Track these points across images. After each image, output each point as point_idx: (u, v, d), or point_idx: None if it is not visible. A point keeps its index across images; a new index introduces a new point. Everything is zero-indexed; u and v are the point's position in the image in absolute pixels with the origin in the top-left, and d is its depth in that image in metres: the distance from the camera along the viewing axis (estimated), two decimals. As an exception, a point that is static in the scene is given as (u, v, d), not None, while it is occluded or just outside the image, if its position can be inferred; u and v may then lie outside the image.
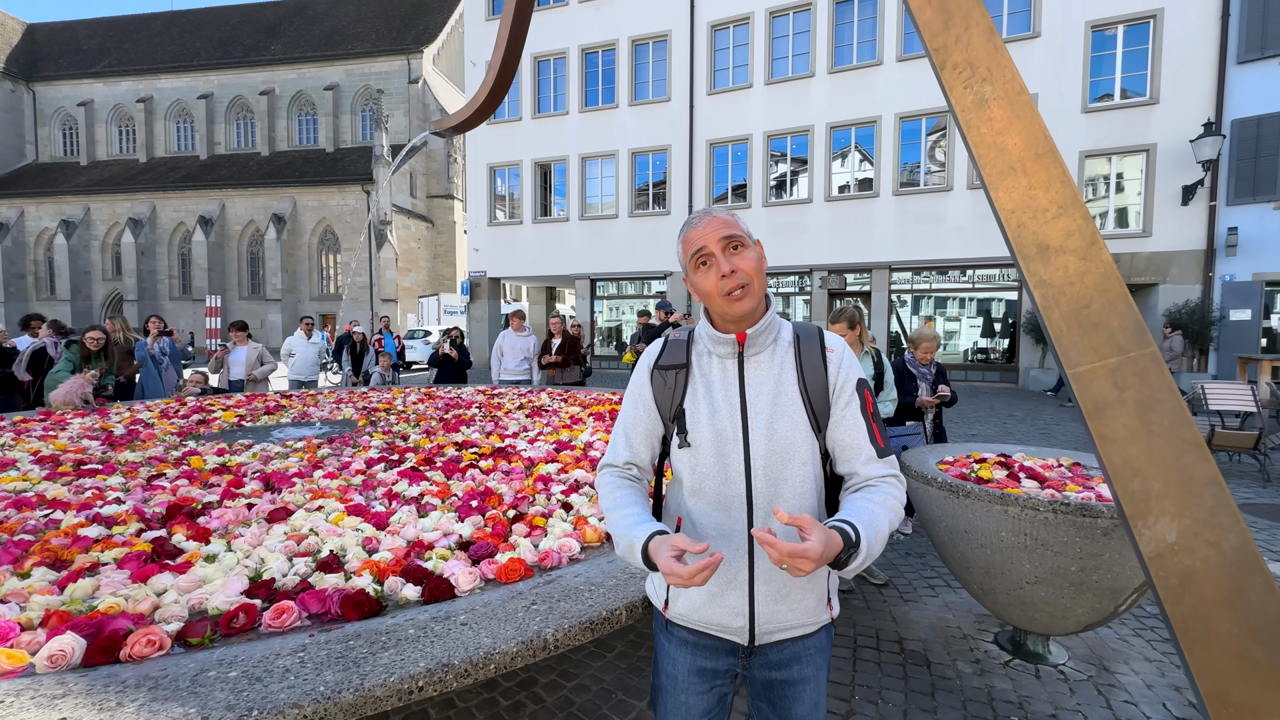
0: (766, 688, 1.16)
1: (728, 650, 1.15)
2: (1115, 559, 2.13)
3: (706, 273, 1.09)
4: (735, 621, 1.10)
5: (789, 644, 1.13)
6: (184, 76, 34.51)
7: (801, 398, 1.08)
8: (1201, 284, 12.28)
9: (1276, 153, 11.49)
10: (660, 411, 1.16)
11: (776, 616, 1.09)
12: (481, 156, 18.74)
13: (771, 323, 1.12)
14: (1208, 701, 1.33)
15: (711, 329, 1.13)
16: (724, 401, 1.10)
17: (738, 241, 1.08)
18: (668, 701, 1.19)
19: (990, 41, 1.67)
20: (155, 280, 32.37)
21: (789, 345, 1.12)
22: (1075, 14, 12.88)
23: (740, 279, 1.06)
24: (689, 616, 1.14)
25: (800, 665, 1.14)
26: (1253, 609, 1.34)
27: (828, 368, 1.10)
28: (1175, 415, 1.44)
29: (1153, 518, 1.43)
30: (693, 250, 1.09)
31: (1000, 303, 14.61)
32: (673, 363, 1.15)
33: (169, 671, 1.12)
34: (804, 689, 1.14)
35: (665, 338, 1.21)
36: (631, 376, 1.22)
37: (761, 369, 1.11)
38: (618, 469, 1.18)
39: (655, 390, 1.16)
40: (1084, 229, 1.55)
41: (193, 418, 4.19)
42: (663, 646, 1.21)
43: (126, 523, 1.94)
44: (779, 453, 1.06)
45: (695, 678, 1.15)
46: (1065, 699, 2.33)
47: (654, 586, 1.22)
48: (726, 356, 1.12)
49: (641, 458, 1.18)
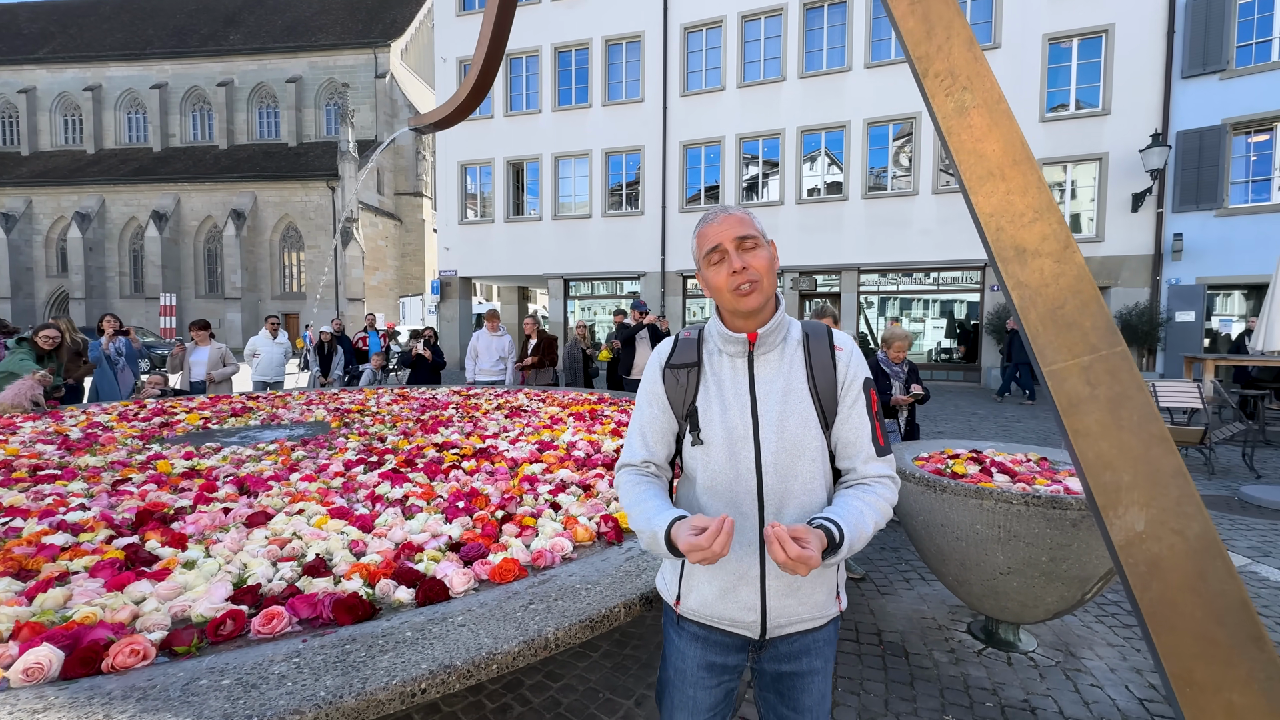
0: (775, 679, 1.18)
1: (738, 646, 1.17)
2: (1083, 548, 2.23)
3: (719, 269, 1.10)
4: (747, 616, 1.12)
5: (798, 637, 1.15)
6: (136, 65, 33.03)
7: (811, 395, 1.11)
8: (1150, 287, 12.90)
9: (1217, 163, 12.15)
10: (674, 409, 1.17)
11: (787, 611, 1.12)
12: (452, 154, 18.46)
13: (781, 322, 1.14)
14: (1173, 681, 1.41)
15: (722, 327, 1.14)
16: (734, 399, 1.12)
17: (752, 241, 1.09)
18: (675, 696, 1.20)
19: (970, 51, 1.73)
20: (104, 277, 30.91)
21: (798, 343, 1.15)
22: (1033, 27, 13.39)
23: (750, 275, 1.08)
24: (701, 612, 1.16)
25: (810, 657, 1.16)
26: (1214, 593, 1.42)
27: (836, 366, 1.13)
28: (1143, 410, 1.52)
29: (1123, 508, 1.50)
30: (707, 247, 1.11)
31: (963, 304, 15.07)
32: (684, 361, 1.17)
33: (157, 681, 1.08)
34: (812, 680, 1.17)
35: (676, 337, 1.23)
36: (643, 376, 1.23)
37: (771, 367, 1.13)
38: (636, 468, 1.19)
39: (668, 388, 1.17)
40: (1059, 233, 1.62)
41: (154, 421, 4.02)
42: (672, 641, 1.22)
43: (94, 529, 1.86)
44: (789, 450, 1.09)
45: (704, 672, 1.17)
46: (1036, 684, 2.42)
47: (665, 582, 1.24)
48: (737, 355, 1.14)
49: (658, 455, 1.19)
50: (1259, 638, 1.38)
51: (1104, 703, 2.30)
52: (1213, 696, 1.39)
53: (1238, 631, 1.40)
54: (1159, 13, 12.57)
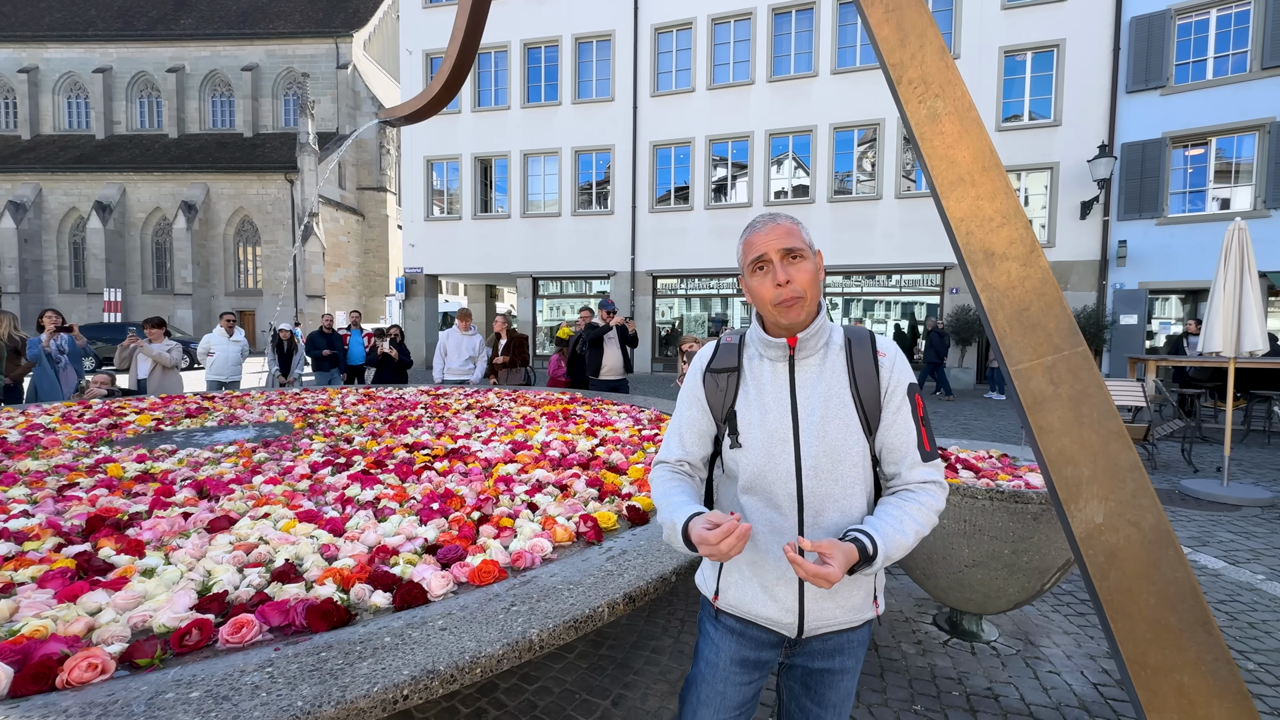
0: (805, 674, 1.21)
1: (773, 643, 1.18)
2: (1043, 541, 2.32)
3: (763, 278, 1.10)
4: (785, 617, 1.13)
5: (833, 636, 1.17)
6: (76, 47, 31.27)
7: (853, 400, 1.11)
8: (1096, 291, 13.54)
9: (1158, 174, 12.85)
10: (713, 413, 1.19)
11: (825, 614, 1.13)
12: (418, 149, 18.08)
13: (822, 326, 1.14)
14: (1129, 665, 1.48)
15: (763, 333, 1.15)
16: (775, 403, 1.12)
17: (798, 253, 1.09)
18: (704, 690, 1.20)
19: (942, 60, 1.78)
20: (41, 271, 29.19)
21: (840, 349, 1.15)
22: (990, 39, 13.90)
23: (794, 290, 1.07)
24: (739, 608, 1.17)
25: (843, 657, 1.18)
26: (1167, 580, 1.49)
27: (879, 371, 1.13)
28: (1103, 408, 1.59)
29: (1083, 501, 1.57)
30: (753, 255, 1.11)
31: (923, 306, 15.54)
32: (724, 366, 1.18)
33: (118, 696, 1.02)
34: (842, 678, 1.19)
35: (717, 343, 1.23)
36: (685, 379, 1.25)
37: (812, 372, 1.13)
38: (670, 465, 1.21)
39: (708, 392, 1.19)
40: (1025, 237, 1.68)
41: (101, 422, 3.82)
42: (708, 634, 1.23)
43: (40, 537, 1.75)
44: (830, 454, 1.09)
45: (736, 668, 1.18)
46: (998, 672, 2.51)
47: (704, 578, 1.25)
48: (777, 360, 1.15)
49: (694, 456, 1.21)
50: (1207, 623, 1.46)
51: (1062, 689, 2.40)
52: (1165, 679, 1.47)
53: (1188, 617, 1.48)
54: (1106, 29, 13.21)
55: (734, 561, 1.16)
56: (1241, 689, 1.42)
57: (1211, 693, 1.43)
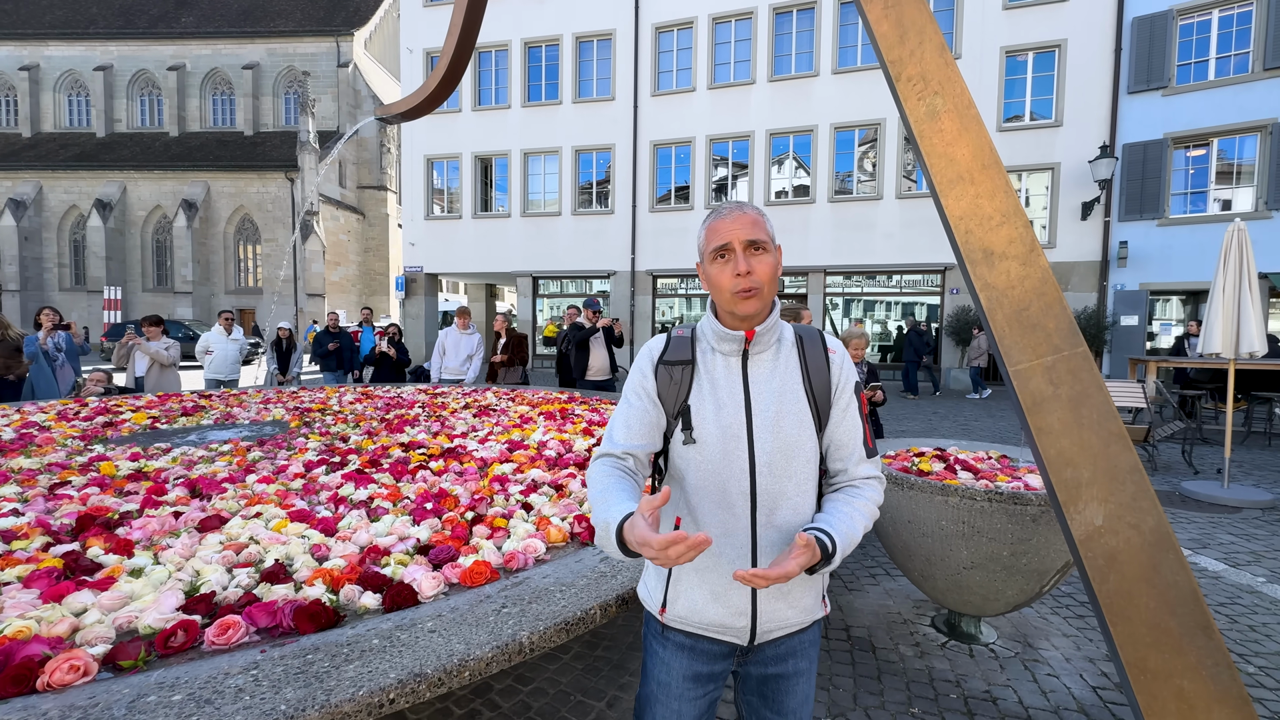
0: (761, 682, 1.17)
1: (725, 654, 1.15)
2: (1042, 543, 2.30)
3: (723, 266, 1.08)
4: (738, 621, 1.10)
5: (785, 639, 1.15)
6: (77, 45, 31.23)
7: (807, 396, 1.11)
8: (1097, 292, 13.51)
9: (1159, 175, 12.81)
10: (665, 406, 1.14)
11: (778, 615, 1.11)
12: (418, 148, 18.06)
13: (776, 322, 1.13)
14: (1129, 669, 1.46)
15: (718, 325, 1.12)
16: (729, 398, 1.10)
17: (761, 244, 1.07)
18: (658, 710, 1.17)
19: (941, 57, 1.76)
20: (41, 268, 29.17)
21: (792, 345, 1.15)
22: (992, 39, 13.87)
23: (753, 282, 1.06)
24: (689, 619, 1.12)
25: (795, 659, 1.16)
26: (1167, 584, 1.47)
27: (830, 368, 1.13)
28: (1102, 409, 1.57)
29: (1083, 503, 1.55)
30: (716, 243, 1.08)
31: (924, 306, 15.51)
32: (679, 358, 1.15)
33: (99, 699, 1.01)
34: (797, 682, 1.16)
35: (668, 335, 1.19)
36: (632, 370, 1.19)
37: (765, 367, 1.12)
38: (614, 458, 1.11)
39: (660, 385, 1.14)
40: (1024, 236, 1.66)
41: (97, 420, 3.80)
42: (655, 653, 1.18)
43: (29, 536, 1.73)
44: (784, 450, 1.08)
45: (689, 684, 1.15)
46: (996, 675, 2.50)
47: (647, 589, 1.20)
48: (731, 354, 1.12)
49: (639, 449, 1.12)
50: (1207, 627, 1.44)
51: (1060, 691, 2.38)
52: (1165, 683, 1.45)
53: (1188, 621, 1.45)
54: (1108, 30, 13.18)
55: (683, 568, 1.11)
56: (1242, 694, 1.40)
57: (1212, 698, 1.42)
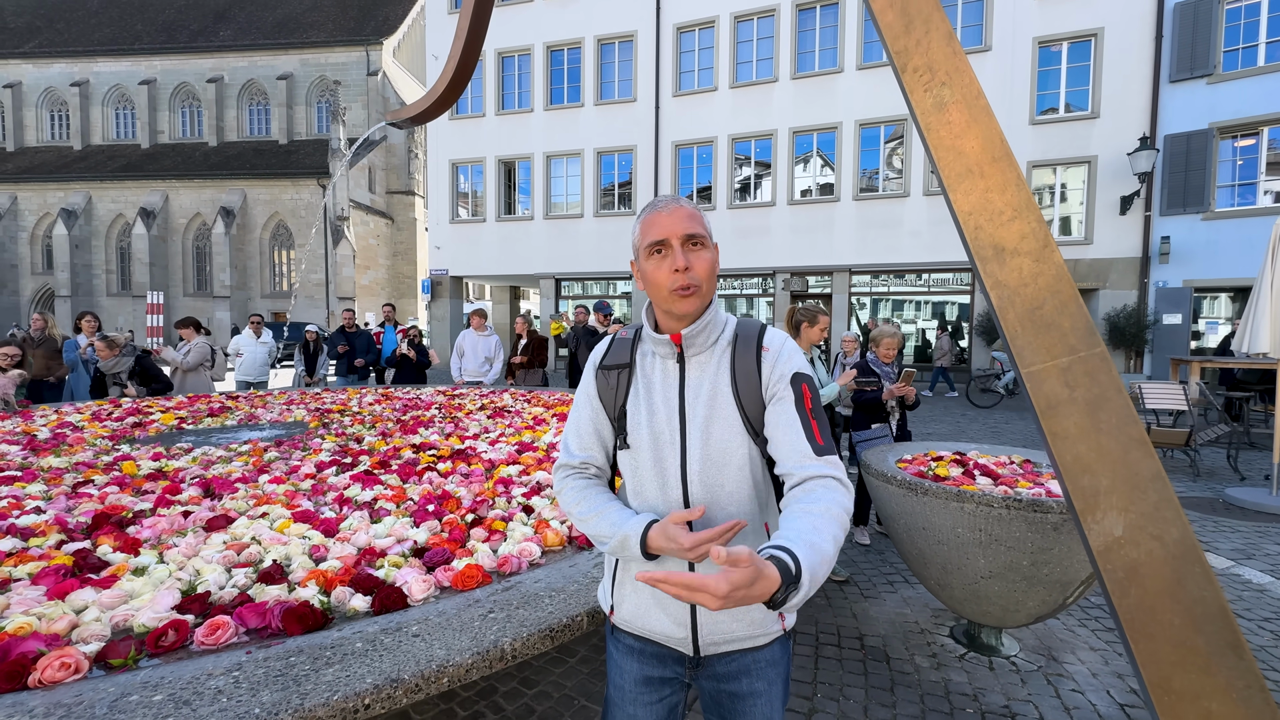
0: (715, 700, 1.12)
1: (675, 659, 1.10)
2: (1064, 553, 2.20)
3: (660, 262, 1.03)
4: (678, 631, 1.05)
5: (737, 656, 1.08)
6: (124, 60, 32.64)
7: (735, 400, 1.04)
8: (1137, 289, 12.98)
9: (1204, 167, 12.24)
10: (606, 411, 1.12)
11: (720, 627, 1.04)
12: (443, 152, 18.35)
13: (710, 322, 1.06)
14: (1151, 690, 1.38)
15: (651, 330, 1.09)
16: (663, 404, 1.06)
17: (699, 240, 1.03)
18: (616, 714, 1.14)
19: (949, 46, 1.69)
20: (91, 275, 30.54)
21: (728, 345, 1.08)
22: (1024, 30, 13.45)
23: (692, 279, 1.01)
24: (633, 623, 1.10)
25: (750, 679, 1.08)
26: (1193, 599, 1.38)
27: (761, 368, 1.05)
28: (1122, 413, 1.48)
29: (1101, 512, 1.46)
30: (653, 238, 1.03)
31: (954, 306, 15.12)
32: (616, 362, 1.12)
33: (84, 697, 1.02)
34: (754, 703, 1.08)
35: (612, 337, 1.17)
36: (583, 376, 1.18)
37: (701, 370, 1.07)
38: (575, 469, 1.12)
39: (600, 389, 1.12)
40: (1038, 232, 1.58)
41: (127, 420, 3.94)
42: (611, 655, 1.17)
43: (46, 534, 1.79)
44: (715, 458, 1.02)
45: (643, 688, 1.11)
46: (1017, 690, 2.39)
47: (603, 591, 1.18)
48: (667, 357, 1.08)
49: (596, 456, 1.13)
50: (1237, 645, 1.34)
51: (1085, 708, 2.27)
52: (1191, 705, 1.36)
53: (1216, 639, 1.36)
54: (1148, 17, 12.66)
55: (626, 571, 1.09)
56: (1276, 718, 1.31)
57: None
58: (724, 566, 0.71)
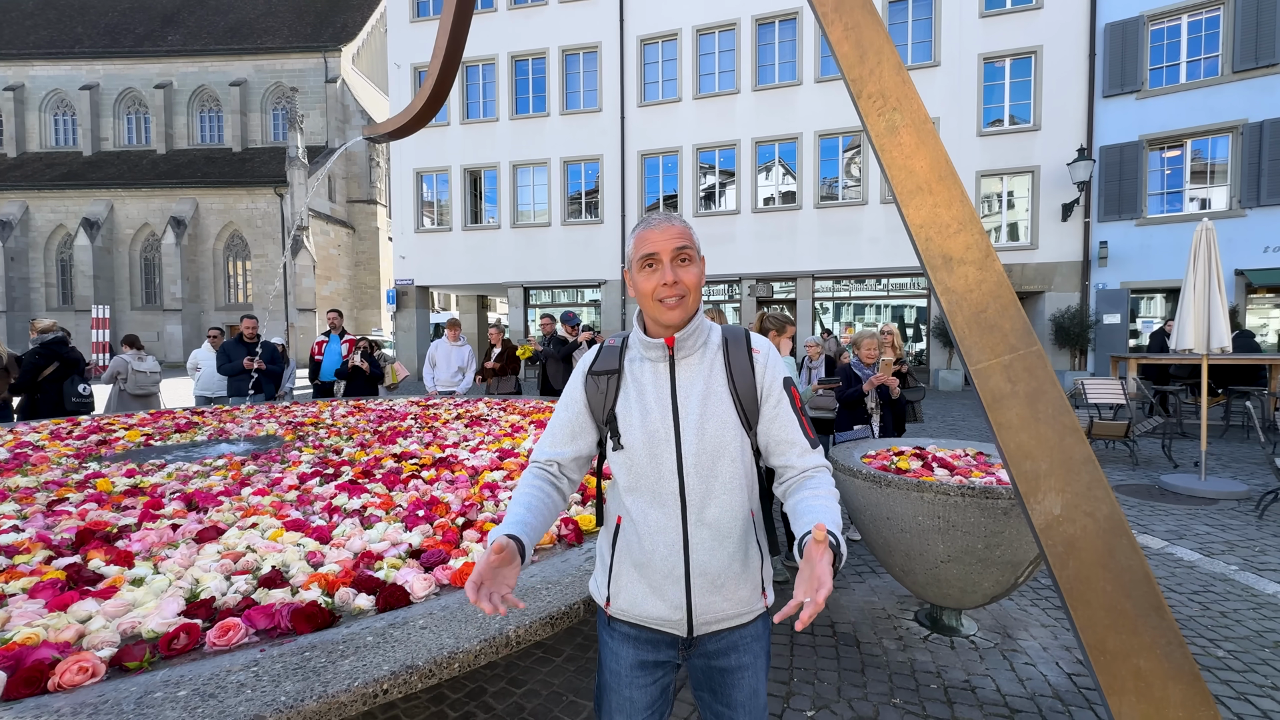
0: (706, 675, 1.22)
1: (668, 643, 1.20)
2: (1014, 535, 2.39)
3: (650, 275, 1.13)
4: (674, 615, 1.15)
5: (725, 634, 1.19)
6: (63, 64, 31.19)
7: (731, 397, 1.16)
8: (1080, 291, 13.75)
9: (1136, 176, 13.10)
10: (593, 415, 1.22)
11: (713, 608, 1.15)
12: (407, 161, 18.15)
13: (699, 326, 1.18)
14: (1089, 651, 1.55)
15: (643, 335, 1.19)
16: (656, 404, 1.16)
17: (687, 255, 1.14)
18: (612, 698, 1.23)
19: (899, 75, 1.87)
20: (28, 289, 28.95)
21: (718, 348, 1.20)
22: (970, 46, 14.17)
23: (679, 290, 1.12)
24: (630, 611, 1.19)
25: (738, 654, 1.20)
26: (1121, 568, 1.56)
27: (754, 368, 1.18)
28: (1057, 404, 1.66)
29: (1042, 494, 1.64)
30: (644, 251, 1.13)
31: (912, 309, 15.71)
32: (605, 368, 1.21)
33: (108, 696, 1.07)
34: (742, 676, 1.20)
35: (600, 344, 1.27)
36: (569, 382, 1.28)
37: (691, 371, 1.17)
38: (539, 465, 1.23)
39: (589, 395, 1.22)
40: (980, 243, 1.76)
41: (90, 438, 3.83)
42: (606, 644, 1.25)
43: (30, 551, 1.78)
44: (709, 451, 1.13)
45: (638, 672, 1.20)
46: (976, 665, 2.57)
47: (596, 585, 1.27)
48: (658, 360, 1.18)
49: (564, 456, 1.23)
50: (1159, 607, 1.53)
51: (1037, 679, 2.47)
52: (1123, 662, 1.53)
53: (1142, 602, 1.54)
54: (1081, 36, 13.50)
55: (621, 564, 1.19)
56: (1194, 670, 1.48)
57: (1167, 675, 1.50)
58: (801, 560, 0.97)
